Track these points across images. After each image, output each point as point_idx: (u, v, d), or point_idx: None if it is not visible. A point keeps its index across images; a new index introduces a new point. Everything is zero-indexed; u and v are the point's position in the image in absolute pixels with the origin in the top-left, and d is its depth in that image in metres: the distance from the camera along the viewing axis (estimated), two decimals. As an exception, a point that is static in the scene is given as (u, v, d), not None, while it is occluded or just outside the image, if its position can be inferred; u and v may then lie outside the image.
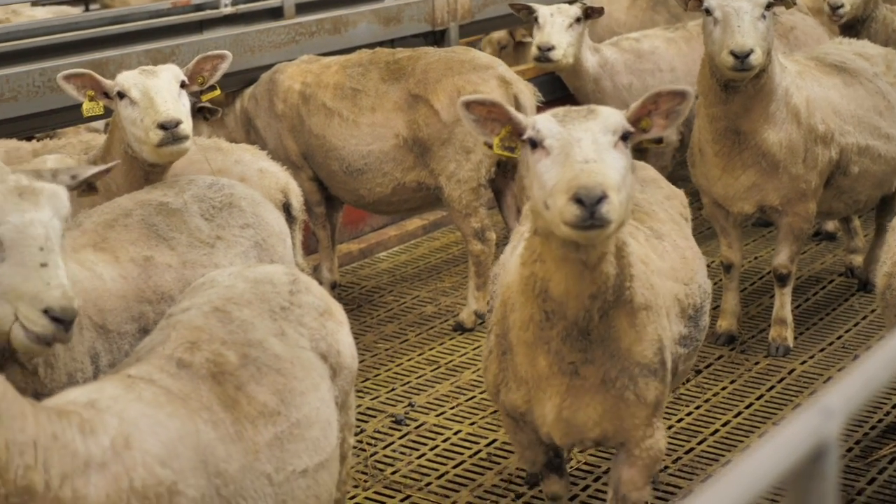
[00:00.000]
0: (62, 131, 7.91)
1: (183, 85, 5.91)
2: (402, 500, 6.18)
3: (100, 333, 4.86)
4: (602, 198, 3.86)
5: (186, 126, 5.74)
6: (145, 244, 5.25)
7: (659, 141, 4.45)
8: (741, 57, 6.81)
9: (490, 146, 4.43)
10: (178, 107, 5.76)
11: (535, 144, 4.14)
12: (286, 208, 6.53)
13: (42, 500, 3.32)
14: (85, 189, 4.70)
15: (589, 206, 3.86)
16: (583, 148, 4.01)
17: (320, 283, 5.82)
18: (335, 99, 8.10)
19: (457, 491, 6.24)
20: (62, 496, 3.37)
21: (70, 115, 7.14)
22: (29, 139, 7.16)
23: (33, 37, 7.81)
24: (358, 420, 6.85)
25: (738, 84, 7.03)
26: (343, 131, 8.03)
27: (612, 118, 4.16)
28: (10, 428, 3.30)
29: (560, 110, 4.23)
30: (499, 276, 5.07)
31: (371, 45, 8.63)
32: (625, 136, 4.16)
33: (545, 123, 4.14)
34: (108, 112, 6.11)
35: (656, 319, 4.70)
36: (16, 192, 4.09)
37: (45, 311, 3.94)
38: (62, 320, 3.95)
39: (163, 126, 5.66)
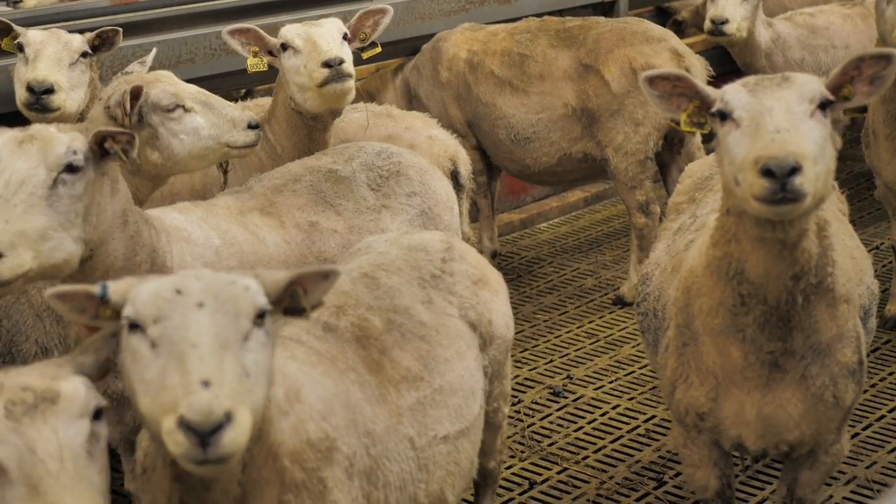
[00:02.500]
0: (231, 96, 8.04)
1: (345, 38, 5.96)
2: (558, 472, 6.18)
3: None
4: (795, 168, 3.62)
5: (349, 66, 5.79)
6: (312, 210, 5.31)
7: (863, 110, 4.15)
8: (915, 37, 6.57)
9: (677, 123, 4.18)
10: (340, 49, 5.82)
11: (724, 117, 3.92)
12: (454, 176, 6.53)
13: (262, 444, 3.36)
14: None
15: (780, 178, 3.63)
16: (774, 117, 3.78)
17: (481, 252, 5.82)
18: (503, 66, 8.07)
19: (614, 466, 6.21)
20: (270, 441, 3.41)
21: (244, 79, 7.25)
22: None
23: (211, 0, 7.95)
24: (515, 391, 6.87)
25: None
26: (513, 99, 8.01)
27: (808, 86, 3.90)
28: None
29: (751, 79, 4.01)
30: (653, 274, 4.95)
31: (539, 15, 8.57)
32: (823, 105, 3.89)
33: (734, 94, 3.93)
34: (271, 72, 6.19)
35: (854, 315, 4.43)
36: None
37: None
38: None
39: (327, 64, 5.72)
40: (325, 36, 5.85)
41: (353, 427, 3.75)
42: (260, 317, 3.15)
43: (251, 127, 5.39)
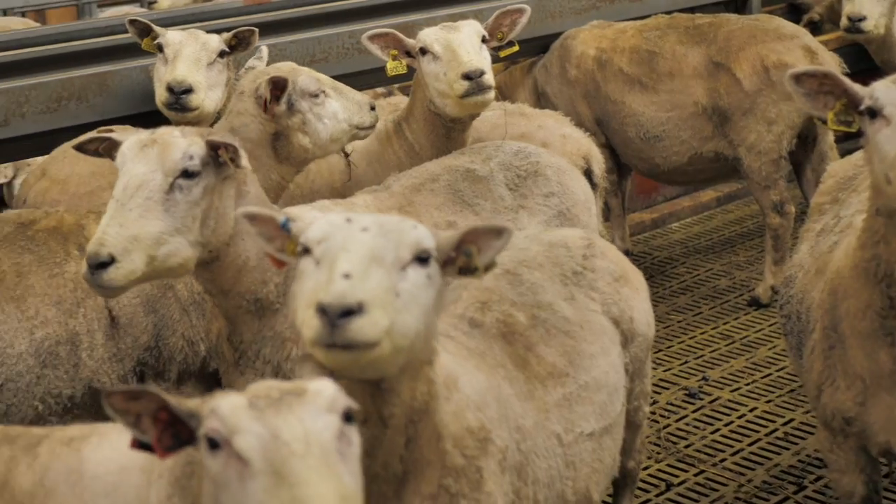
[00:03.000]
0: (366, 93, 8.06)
1: (483, 40, 5.93)
2: (695, 474, 6.09)
3: None
4: None
5: (490, 77, 5.75)
6: (450, 209, 5.31)
7: None
8: None
9: (823, 121, 4.06)
10: (480, 58, 5.78)
11: (873, 114, 3.79)
12: (588, 175, 6.46)
13: (427, 420, 3.37)
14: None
15: None
16: None
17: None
18: (632, 64, 8.00)
19: (752, 469, 6.09)
20: (436, 420, 3.42)
21: (376, 77, 7.26)
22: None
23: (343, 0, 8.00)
24: (651, 391, 6.78)
25: None
26: (642, 97, 7.93)
27: None
28: None
29: None
30: (796, 277, 4.83)
31: (669, 12, 8.47)
32: None
33: (885, 91, 3.80)
34: (410, 72, 6.19)
35: None
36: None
37: None
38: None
39: (467, 76, 5.68)
40: (465, 44, 5.80)
41: (505, 421, 3.72)
42: (423, 259, 3.18)
43: (372, 108, 5.64)
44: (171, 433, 2.98)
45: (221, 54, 6.22)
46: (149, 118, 6.40)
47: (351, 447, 2.86)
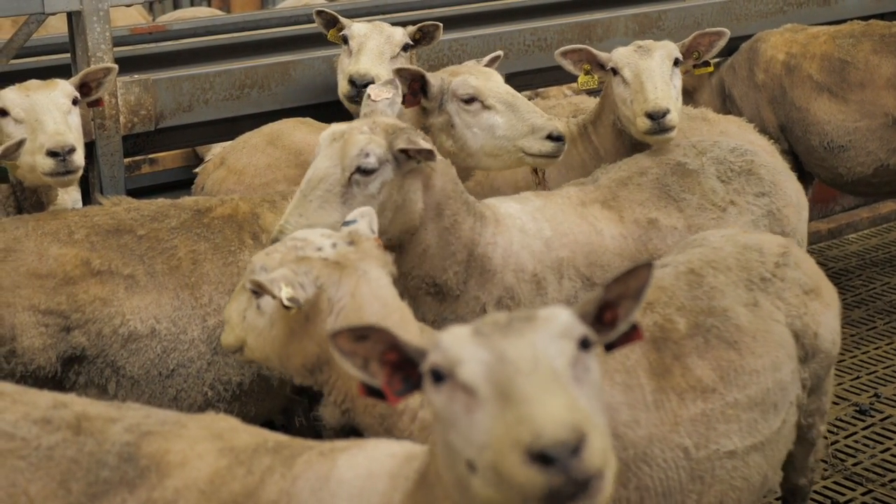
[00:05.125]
0: (545, 91, 8.05)
1: (676, 62, 5.78)
2: (862, 493, 5.95)
3: (585, 286, 4.93)
4: None
5: (673, 116, 5.56)
6: (654, 205, 5.28)
7: None
8: None
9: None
10: (668, 91, 5.62)
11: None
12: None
13: None
14: None
15: None
16: None
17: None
18: (822, 72, 7.82)
19: (923, 491, 5.95)
20: None
21: (556, 75, 7.24)
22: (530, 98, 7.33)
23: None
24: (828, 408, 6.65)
25: None
26: (829, 105, 7.75)
27: None
28: None
29: None
30: None
31: (866, 18, 8.26)
32: None
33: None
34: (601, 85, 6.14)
35: None
36: None
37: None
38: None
39: (650, 116, 5.55)
40: (654, 76, 5.65)
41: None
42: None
43: (552, 138, 5.16)
44: (401, 377, 2.86)
45: (405, 48, 6.27)
46: (329, 108, 6.50)
47: (589, 374, 2.66)
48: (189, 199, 5.40)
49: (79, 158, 5.13)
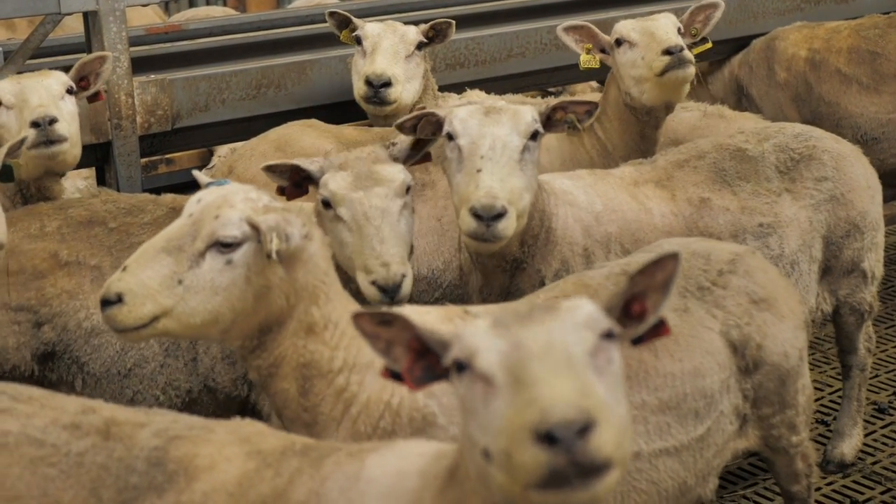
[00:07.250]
0: (572, 87, 8.07)
1: (679, 32, 5.90)
2: (881, 493, 5.91)
3: None
4: None
5: (689, 53, 5.76)
6: (708, 187, 5.34)
7: None
8: None
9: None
10: (679, 37, 5.80)
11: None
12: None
13: None
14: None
15: None
16: None
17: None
18: (851, 64, 7.78)
19: (943, 490, 5.92)
20: None
21: (572, 74, 7.25)
22: (544, 95, 7.35)
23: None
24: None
25: None
26: (861, 98, 7.72)
27: None
28: None
29: None
30: None
31: (887, 12, 8.22)
32: None
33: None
34: (603, 69, 6.15)
35: None
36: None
37: (472, 211, 4.42)
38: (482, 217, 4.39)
39: (668, 51, 5.69)
40: (662, 27, 5.86)
41: None
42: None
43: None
44: (424, 365, 2.90)
45: (419, 46, 6.27)
46: (345, 108, 6.50)
47: (611, 366, 2.66)
48: (169, 196, 5.36)
49: (61, 128, 5.15)
